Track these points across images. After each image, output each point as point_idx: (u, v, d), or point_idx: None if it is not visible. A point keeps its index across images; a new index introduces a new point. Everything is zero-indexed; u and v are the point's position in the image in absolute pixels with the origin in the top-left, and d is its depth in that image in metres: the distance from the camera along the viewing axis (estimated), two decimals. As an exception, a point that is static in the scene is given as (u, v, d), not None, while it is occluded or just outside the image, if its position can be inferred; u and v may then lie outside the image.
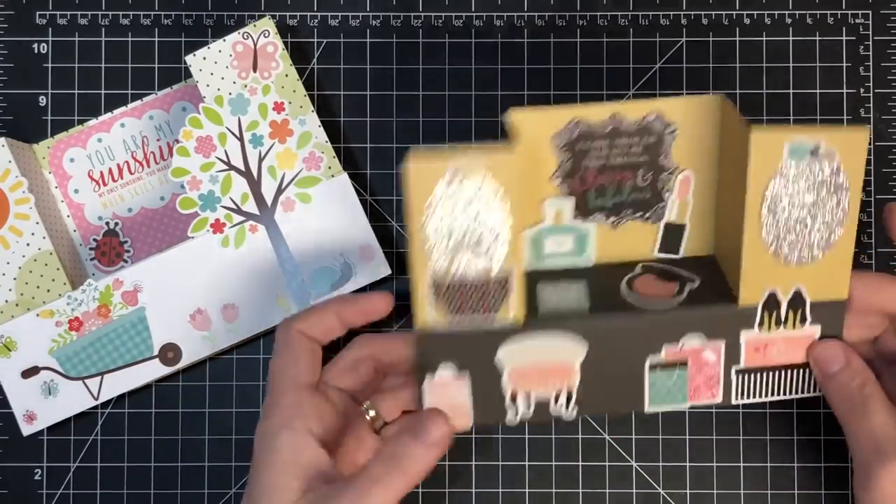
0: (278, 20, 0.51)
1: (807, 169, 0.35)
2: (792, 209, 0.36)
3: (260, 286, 0.48)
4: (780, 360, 0.39)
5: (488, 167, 0.35)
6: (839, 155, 0.35)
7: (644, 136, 0.38)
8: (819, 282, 0.37)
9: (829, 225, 0.36)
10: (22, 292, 0.48)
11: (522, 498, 0.50)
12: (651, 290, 0.39)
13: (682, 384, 0.40)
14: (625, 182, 0.39)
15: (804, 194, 0.36)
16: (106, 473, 0.50)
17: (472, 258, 0.38)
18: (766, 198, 0.36)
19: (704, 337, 0.39)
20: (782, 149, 0.35)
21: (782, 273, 0.37)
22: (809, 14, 0.51)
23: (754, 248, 0.36)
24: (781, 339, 0.38)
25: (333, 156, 0.49)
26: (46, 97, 0.51)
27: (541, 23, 0.51)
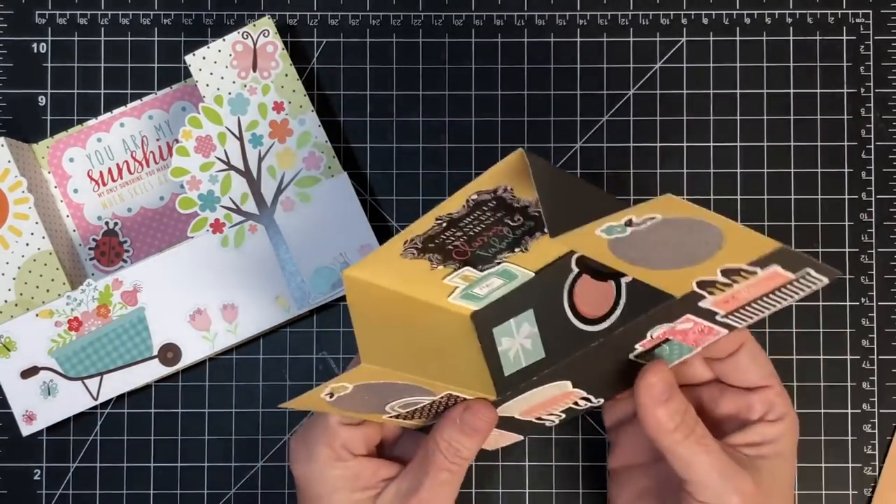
0: (278, 20, 0.51)
1: (634, 234, 0.33)
2: (654, 250, 0.34)
3: (260, 286, 0.48)
4: (757, 293, 0.37)
5: (351, 381, 0.36)
6: (658, 214, 0.32)
7: (482, 207, 0.37)
8: (737, 255, 0.35)
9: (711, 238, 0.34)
10: (21, 292, 0.48)
11: (522, 498, 0.50)
12: (591, 305, 0.38)
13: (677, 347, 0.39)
14: (501, 231, 0.38)
15: (659, 238, 0.33)
16: (105, 474, 0.50)
17: (408, 401, 0.38)
18: (620, 255, 0.34)
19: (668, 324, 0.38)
20: (596, 234, 0.32)
21: (693, 270, 0.35)
22: (810, 14, 0.51)
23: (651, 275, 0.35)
24: (744, 287, 0.36)
25: (333, 156, 0.49)
26: (46, 97, 0.51)
27: (541, 23, 0.51)
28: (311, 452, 0.40)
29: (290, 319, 0.49)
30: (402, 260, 0.38)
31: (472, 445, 0.39)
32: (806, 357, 0.50)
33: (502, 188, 0.36)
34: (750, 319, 0.38)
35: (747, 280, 0.36)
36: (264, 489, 0.50)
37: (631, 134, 0.51)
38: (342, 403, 0.37)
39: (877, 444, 0.50)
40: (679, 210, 0.32)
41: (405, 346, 0.38)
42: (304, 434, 0.41)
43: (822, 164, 0.51)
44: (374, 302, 0.38)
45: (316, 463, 0.39)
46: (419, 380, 0.36)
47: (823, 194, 0.51)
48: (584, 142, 0.51)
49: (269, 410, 0.50)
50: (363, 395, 0.37)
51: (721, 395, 0.41)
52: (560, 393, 0.40)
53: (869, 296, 0.50)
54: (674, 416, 0.37)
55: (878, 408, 0.50)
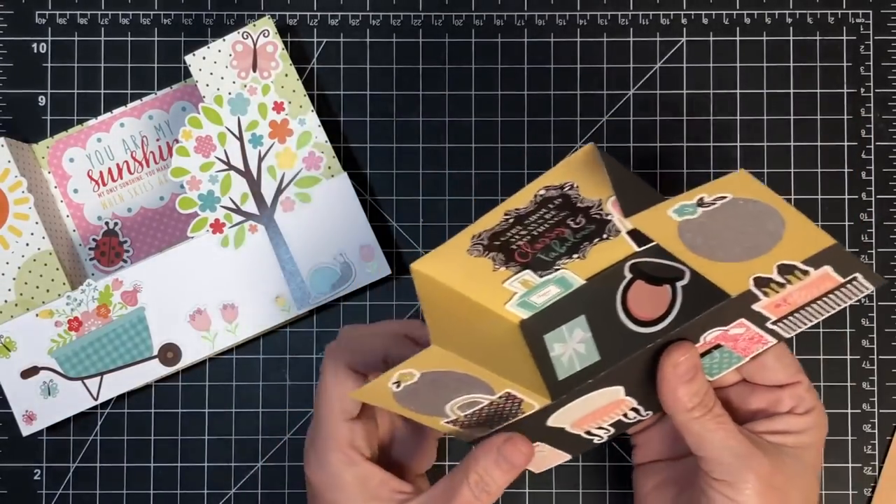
0: (278, 20, 0.51)
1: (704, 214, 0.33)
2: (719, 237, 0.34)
3: (260, 286, 0.48)
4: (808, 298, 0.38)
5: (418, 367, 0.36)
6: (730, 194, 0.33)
7: (548, 204, 0.37)
8: (794, 250, 0.35)
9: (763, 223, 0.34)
10: (21, 292, 0.48)
11: (522, 498, 0.50)
12: (646, 308, 0.38)
13: (727, 355, 0.40)
14: (563, 233, 0.39)
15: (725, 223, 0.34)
16: (105, 473, 0.50)
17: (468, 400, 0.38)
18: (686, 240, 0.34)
19: (721, 327, 0.38)
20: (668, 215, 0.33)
21: (752, 264, 0.36)
22: (810, 14, 0.51)
23: (711, 268, 0.35)
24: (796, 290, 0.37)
25: (333, 156, 0.49)
26: (46, 97, 0.51)
27: (541, 23, 0.51)
28: (321, 459, 0.39)
29: (290, 319, 0.49)
30: (468, 256, 0.38)
31: (502, 482, 0.39)
32: (806, 357, 0.50)
33: (569, 185, 0.36)
34: (796, 329, 0.39)
35: (800, 281, 0.36)
36: (264, 489, 0.50)
37: (631, 134, 0.51)
38: (406, 398, 0.37)
39: (877, 444, 0.50)
40: (749, 189, 0.32)
41: (467, 341, 0.38)
42: (312, 439, 0.41)
43: (822, 164, 0.51)
44: (440, 295, 0.39)
45: (328, 467, 0.39)
46: (482, 371, 0.36)
47: (823, 194, 0.51)
48: (584, 141, 0.51)
49: (269, 410, 0.50)
50: (427, 389, 0.36)
51: (750, 393, 0.41)
52: (612, 401, 0.40)
53: (869, 296, 0.50)
54: (693, 397, 0.38)
55: (878, 408, 0.50)
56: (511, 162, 0.51)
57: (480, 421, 0.39)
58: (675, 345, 0.38)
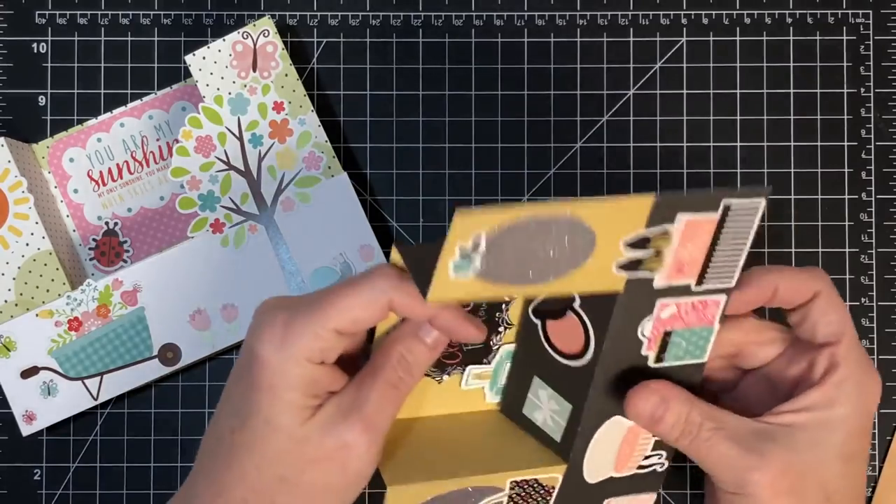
0: (278, 20, 0.51)
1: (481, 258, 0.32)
2: (530, 263, 0.33)
3: (260, 286, 0.48)
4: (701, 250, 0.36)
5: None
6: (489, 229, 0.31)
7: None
8: (623, 224, 0.33)
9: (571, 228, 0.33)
10: (21, 292, 0.48)
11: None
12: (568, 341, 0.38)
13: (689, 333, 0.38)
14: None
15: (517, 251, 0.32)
16: (105, 474, 0.50)
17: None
18: (499, 283, 0.33)
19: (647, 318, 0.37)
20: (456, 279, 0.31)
21: (594, 262, 0.34)
22: (810, 14, 0.51)
23: (547, 288, 0.34)
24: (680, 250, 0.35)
25: (333, 156, 0.49)
26: (46, 97, 0.51)
27: (541, 23, 0.51)
28: (288, 339, 0.35)
29: (290, 319, 0.49)
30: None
31: (424, 359, 0.37)
32: (806, 357, 0.50)
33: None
34: (730, 275, 0.37)
35: (670, 242, 0.35)
36: (264, 489, 0.50)
37: (631, 134, 0.51)
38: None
39: (877, 444, 0.50)
40: (490, 220, 0.30)
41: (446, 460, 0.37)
42: (286, 315, 0.36)
43: (822, 164, 0.51)
44: (402, 431, 0.39)
45: (289, 351, 0.35)
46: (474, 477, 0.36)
47: (823, 194, 0.51)
48: (584, 142, 0.51)
49: (269, 410, 0.50)
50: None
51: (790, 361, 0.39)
52: (626, 431, 0.39)
53: (869, 296, 0.50)
54: (672, 430, 0.37)
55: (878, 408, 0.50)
56: (511, 162, 0.51)
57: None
58: (631, 391, 0.37)
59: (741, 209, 0.35)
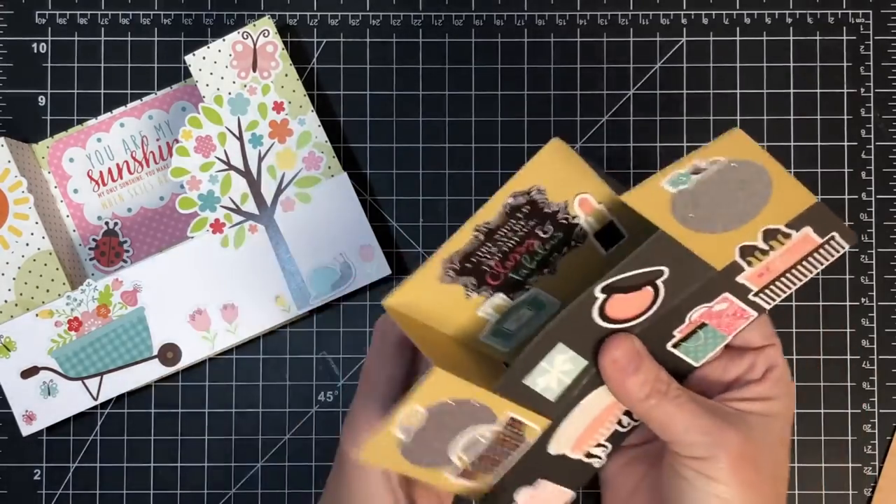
0: (278, 20, 0.51)
1: (697, 183, 0.33)
2: (712, 205, 0.34)
3: (260, 286, 0.48)
4: (788, 264, 0.37)
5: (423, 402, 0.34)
6: (723, 157, 0.32)
7: (516, 213, 0.36)
8: (778, 213, 0.35)
9: (755, 183, 0.34)
10: (21, 292, 0.48)
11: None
12: (628, 310, 0.37)
13: (712, 334, 0.39)
14: (532, 246, 0.37)
15: (717, 191, 0.34)
16: (105, 474, 0.50)
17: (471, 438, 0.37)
18: (679, 218, 0.34)
19: (706, 303, 0.37)
20: (661, 186, 0.32)
21: (738, 233, 0.35)
22: (810, 14, 0.51)
23: (698, 241, 0.35)
24: (777, 257, 0.37)
25: (333, 156, 0.49)
26: (46, 97, 0.51)
27: (541, 23, 0.51)
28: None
29: (290, 319, 0.49)
30: (440, 285, 0.37)
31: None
32: (806, 357, 0.50)
33: (536, 189, 0.36)
34: (775, 299, 0.39)
35: (782, 246, 0.36)
36: (264, 489, 0.50)
37: (631, 134, 0.51)
38: (413, 450, 0.36)
39: (877, 444, 0.50)
40: (744, 149, 0.31)
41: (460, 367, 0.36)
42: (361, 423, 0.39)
43: (822, 164, 0.51)
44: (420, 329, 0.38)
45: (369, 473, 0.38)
46: (485, 393, 0.35)
47: (823, 194, 0.51)
48: (584, 142, 0.51)
49: (269, 410, 0.50)
50: (433, 431, 0.35)
51: (729, 361, 0.40)
52: (606, 405, 0.39)
53: (869, 296, 0.50)
54: (643, 386, 0.37)
55: (878, 408, 0.50)
56: (511, 162, 0.51)
57: (486, 465, 0.38)
58: (609, 339, 0.37)
59: (835, 245, 0.37)
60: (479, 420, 0.37)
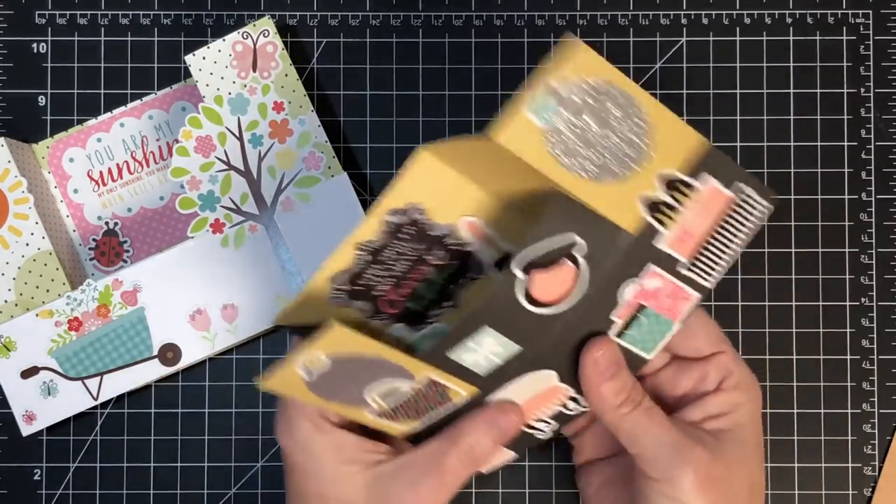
0: (278, 20, 0.51)
1: (564, 113, 0.31)
2: (589, 145, 0.32)
3: (260, 286, 0.48)
4: (705, 225, 0.36)
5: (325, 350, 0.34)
6: (584, 77, 0.31)
7: (399, 234, 0.35)
8: (668, 156, 0.33)
9: (628, 115, 0.32)
10: (21, 292, 0.48)
11: (522, 498, 0.50)
12: (553, 291, 0.35)
13: (655, 319, 0.37)
14: (427, 273, 0.36)
15: (589, 125, 0.32)
16: (105, 474, 0.50)
17: (388, 387, 0.36)
18: (558, 156, 0.32)
19: (633, 278, 0.36)
20: (528, 119, 0.30)
21: (634, 181, 0.33)
22: (810, 14, 0.51)
23: (593, 193, 0.33)
24: (690, 213, 0.35)
25: (333, 156, 0.49)
26: (46, 97, 0.51)
27: (541, 23, 0.51)
28: (291, 425, 0.38)
29: (290, 319, 0.49)
30: (332, 308, 0.36)
31: (490, 451, 0.38)
32: (806, 357, 0.50)
33: (414, 208, 0.34)
34: (712, 273, 0.37)
35: (690, 200, 0.34)
36: (264, 489, 0.50)
37: (631, 134, 0.51)
38: (321, 388, 0.35)
39: (877, 444, 0.50)
40: (590, 66, 0.29)
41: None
42: (283, 406, 0.39)
43: (822, 164, 0.51)
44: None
45: (298, 435, 0.38)
46: (395, 354, 0.34)
47: (823, 194, 0.51)
48: (584, 142, 0.51)
49: (269, 410, 0.50)
50: (340, 376, 0.35)
51: (677, 375, 0.40)
52: (548, 388, 0.39)
53: (869, 296, 0.50)
54: (619, 393, 0.37)
55: (878, 408, 0.50)
56: (511, 162, 0.51)
57: (409, 411, 0.38)
58: (593, 340, 0.37)
59: (753, 203, 0.35)
60: (395, 375, 0.35)
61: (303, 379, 0.34)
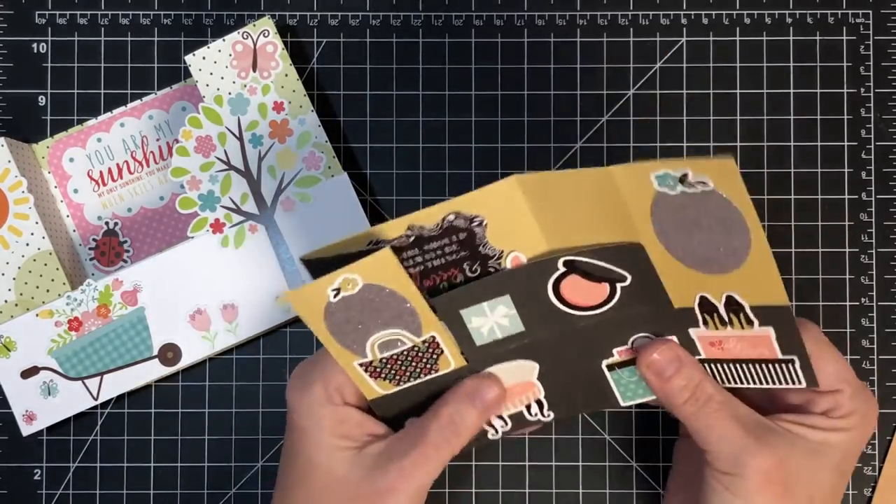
0: (278, 20, 0.51)
1: (681, 193, 0.33)
2: (683, 227, 0.34)
3: (260, 286, 0.48)
4: (741, 354, 0.37)
5: (363, 274, 0.35)
6: (711, 181, 0.33)
7: (452, 235, 0.36)
8: (749, 289, 0.35)
9: (731, 238, 0.34)
10: (21, 292, 0.48)
11: (522, 498, 0.50)
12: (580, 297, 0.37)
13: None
14: (455, 277, 0.37)
15: (689, 212, 0.34)
16: (106, 473, 0.50)
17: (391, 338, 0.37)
18: (654, 221, 0.34)
19: (653, 336, 0.37)
20: (650, 179, 0.33)
21: (706, 280, 0.35)
22: (810, 14, 0.51)
23: (665, 262, 0.35)
24: (735, 336, 0.37)
25: (333, 156, 0.49)
26: (46, 97, 0.51)
27: (541, 23, 0.51)
28: (306, 385, 0.39)
29: (290, 319, 0.49)
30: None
31: (473, 424, 0.38)
32: (806, 357, 0.50)
33: (478, 220, 0.35)
34: (722, 382, 0.38)
35: (741, 330, 0.36)
36: (264, 489, 0.50)
37: (631, 134, 0.51)
38: (335, 317, 0.36)
39: (877, 444, 0.50)
40: (729, 184, 0.31)
41: None
42: (303, 367, 0.40)
43: (822, 164, 0.51)
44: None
45: (308, 397, 0.39)
46: (419, 298, 0.36)
47: (823, 194, 0.51)
48: (584, 142, 0.51)
49: (269, 410, 0.50)
50: (359, 309, 0.36)
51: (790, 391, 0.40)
52: (523, 381, 0.39)
53: (869, 296, 0.50)
54: (681, 392, 0.37)
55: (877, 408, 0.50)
56: (511, 162, 0.51)
57: (394, 370, 0.38)
58: (650, 343, 0.38)
59: (793, 373, 0.38)
60: (405, 325, 0.37)
61: (327, 301, 0.35)
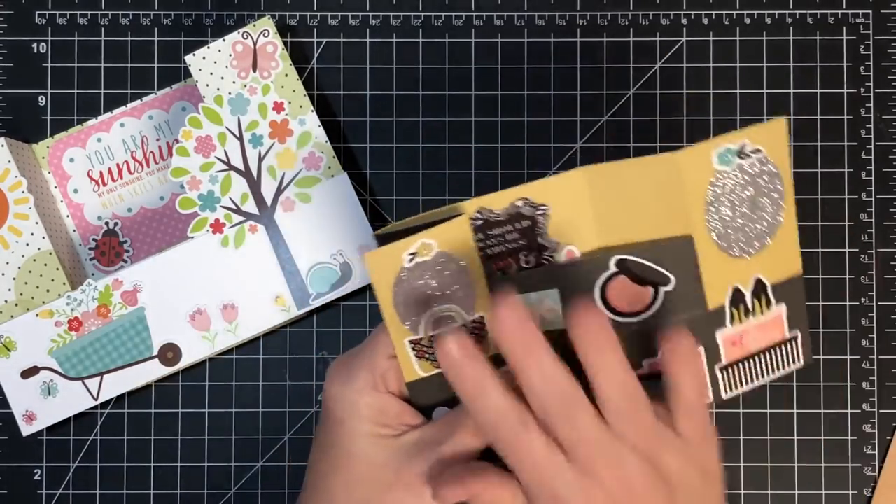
0: (278, 20, 0.51)
1: (737, 169, 0.35)
2: (735, 209, 0.36)
3: (260, 286, 0.48)
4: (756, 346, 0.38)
5: (442, 240, 0.35)
6: (764, 148, 0.35)
7: (515, 223, 0.37)
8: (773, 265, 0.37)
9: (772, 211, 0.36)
10: (21, 292, 0.48)
11: (522, 498, 0.50)
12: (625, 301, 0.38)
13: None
14: (508, 268, 0.38)
15: (743, 192, 0.36)
16: (106, 473, 0.50)
17: (446, 313, 0.37)
18: (707, 209, 0.36)
19: None
20: (711, 159, 0.35)
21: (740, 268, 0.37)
22: (810, 14, 0.51)
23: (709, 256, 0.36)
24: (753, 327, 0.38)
25: (333, 156, 0.49)
26: (46, 97, 0.51)
27: (541, 23, 0.51)
28: (350, 375, 0.39)
29: (290, 319, 0.49)
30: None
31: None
32: (806, 357, 0.50)
33: (544, 209, 0.36)
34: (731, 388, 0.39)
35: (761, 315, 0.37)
36: (264, 489, 0.50)
37: (631, 134, 0.51)
38: (402, 285, 0.36)
39: (877, 444, 0.50)
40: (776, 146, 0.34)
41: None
42: (344, 360, 0.40)
43: (822, 164, 0.51)
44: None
45: (352, 385, 0.39)
46: (480, 273, 0.37)
47: (823, 194, 0.51)
48: (584, 142, 0.51)
49: (269, 410, 0.50)
50: (428, 277, 0.36)
51: None
52: None
53: (869, 296, 0.50)
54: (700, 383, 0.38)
55: (878, 408, 0.50)
56: (511, 162, 0.51)
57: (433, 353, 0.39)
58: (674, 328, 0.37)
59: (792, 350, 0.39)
60: (461, 301, 0.37)
61: (401, 265, 0.36)
